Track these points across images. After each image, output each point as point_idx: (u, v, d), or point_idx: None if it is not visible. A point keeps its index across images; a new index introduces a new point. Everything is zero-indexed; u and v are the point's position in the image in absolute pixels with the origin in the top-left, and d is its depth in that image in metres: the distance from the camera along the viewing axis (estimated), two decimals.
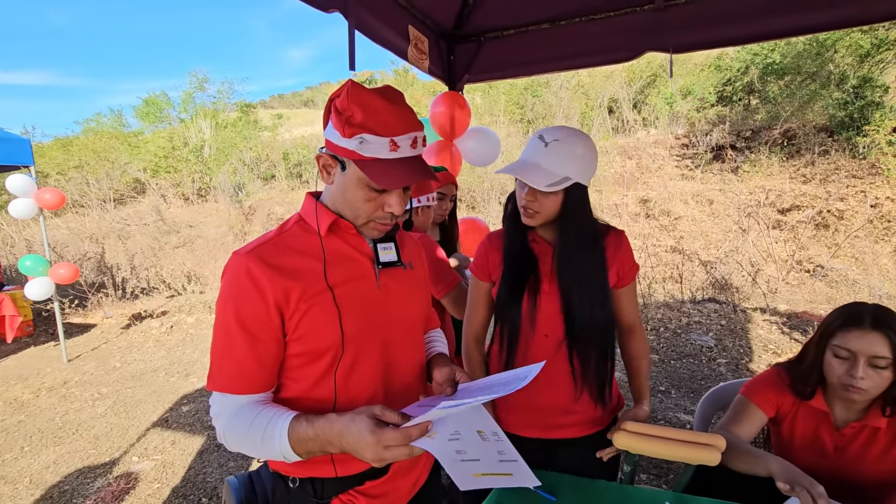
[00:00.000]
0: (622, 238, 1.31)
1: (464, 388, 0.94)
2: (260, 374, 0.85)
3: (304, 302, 0.84)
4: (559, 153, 1.14)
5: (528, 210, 1.20)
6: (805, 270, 6.52)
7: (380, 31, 1.94)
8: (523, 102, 12.89)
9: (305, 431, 0.78)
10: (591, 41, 2.36)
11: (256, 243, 0.88)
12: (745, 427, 1.28)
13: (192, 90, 18.72)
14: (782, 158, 8.73)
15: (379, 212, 0.89)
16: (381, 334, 0.93)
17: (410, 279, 1.02)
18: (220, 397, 0.86)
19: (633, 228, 8.29)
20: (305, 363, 0.88)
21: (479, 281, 1.37)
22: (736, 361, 3.99)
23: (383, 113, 0.82)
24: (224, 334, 0.84)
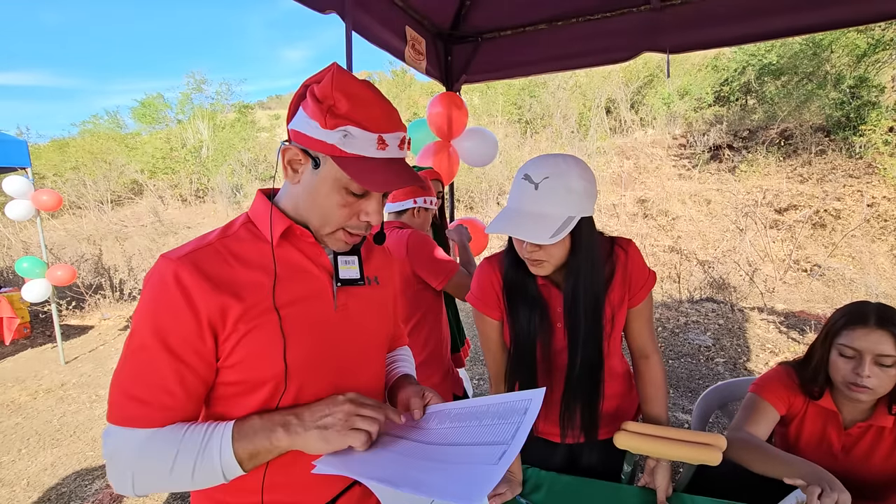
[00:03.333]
0: (630, 249, 1.17)
1: (435, 412, 0.81)
2: (185, 404, 0.70)
3: (243, 324, 0.71)
4: (554, 193, 0.99)
5: (534, 262, 1.07)
6: (802, 270, 6.54)
7: (377, 32, 1.94)
8: (521, 103, 12.90)
9: (252, 422, 0.70)
10: (588, 42, 2.37)
11: (192, 246, 0.73)
12: (762, 426, 1.24)
13: (190, 91, 18.70)
14: (779, 158, 8.75)
15: (353, 220, 0.77)
16: (335, 362, 0.80)
17: (374, 297, 0.88)
18: (125, 433, 0.68)
19: (630, 228, 8.30)
20: (240, 393, 0.75)
21: (488, 319, 1.23)
22: (734, 361, 4.00)
23: (372, 106, 0.72)
24: (140, 354, 0.69)
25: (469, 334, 2.04)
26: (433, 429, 0.76)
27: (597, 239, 1.10)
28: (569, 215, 0.99)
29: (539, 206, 0.99)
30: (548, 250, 1.04)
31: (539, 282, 1.16)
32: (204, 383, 0.72)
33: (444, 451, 0.69)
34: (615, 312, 1.17)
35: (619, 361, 1.27)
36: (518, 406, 0.71)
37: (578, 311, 1.10)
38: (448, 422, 0.76)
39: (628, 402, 1.29)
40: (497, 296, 1.20)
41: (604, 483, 1.14)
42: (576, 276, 1.08)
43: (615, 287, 1.16)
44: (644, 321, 1.20)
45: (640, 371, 1.23)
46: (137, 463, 0.67)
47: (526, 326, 1.15)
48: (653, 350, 1.22)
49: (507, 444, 0.63)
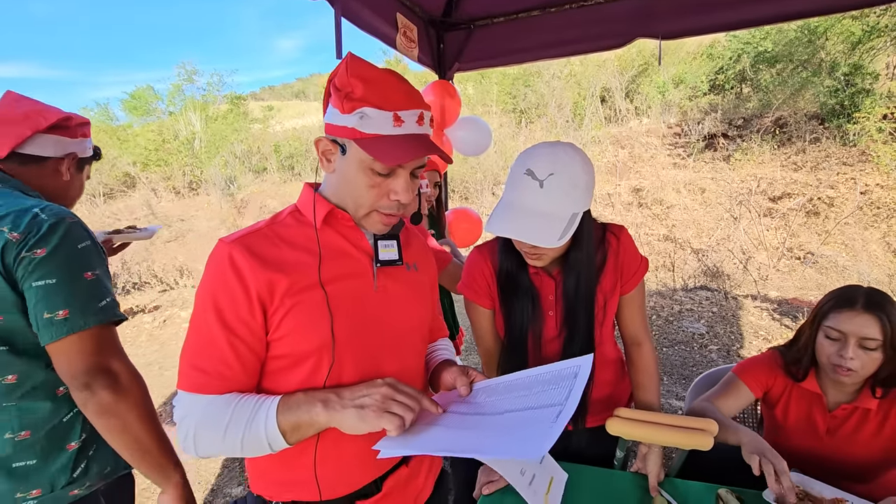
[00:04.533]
0: (622, 236, 1.16)
1: (482, 387, 0.84)
2: (240, 375, 0.77)
3: (289, 297, 0.76)
4: (560, 191, 0.95)
5: (533, 255, 1.05)
6: (796, 257, 6.58)
7: (367, 18, 1.91)
8: (515, 93, 12.82)
9: (297, 396, 0.74)
10: (582, 28, 2.35)
11: (244, 231, 0.80)
12: (729, 402, 1.30)
13: (181, 82, 18.46)
14: (774, 146, 8.76)
15: (384, 200, 0.80)
16: (375, 340, 0.84)
17: (414, 282, 0.92)
18: (190, 398, 0.76)
19: (625, 218, 8.32)
20: (286, 367, 0.80)
21: (479, 308, 1.22)
22: (727, 348, 4.03)
23: (386, 86, 0.75)
24: (201, 328, 0.76)
25: (464, 324, 2.04)
26: (484, 401, 0.78)
27: (592, 229, 1.09)
28: (573, 212, 0.98)
29: (544, 206, 0.96)
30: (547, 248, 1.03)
31: (531, 270, 1.15)
32: (256, 356, 0.78)
33: (499, 419, 0.70)
34: (607, 300, 1.17)
35: (612, 348, 1.27)
36: (566, 372, 0.73)
37: (576, 303, 1.10)
38: (497, 395, 0.78)
39: (620, 389, 1.29)
40: (488, 285, 1.20)
41: (596, 469, 1.15)
42: (575, 270, 1.08)
43: (607, 274, 1.15)
44: (636, 308, 1.20)
45: (633, 358, 1.23)
46: (198, 426, 0.74)
47: (519, 316, 1.15)
48: (645, 337, 1.22)
49: (562, 404, 0.64)
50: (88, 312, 0.90)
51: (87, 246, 0.96)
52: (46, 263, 0.89)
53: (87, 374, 0.89)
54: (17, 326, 0.91)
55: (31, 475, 0.95)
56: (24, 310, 0.90)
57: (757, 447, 1.03)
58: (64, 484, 0.97)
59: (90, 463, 1.02)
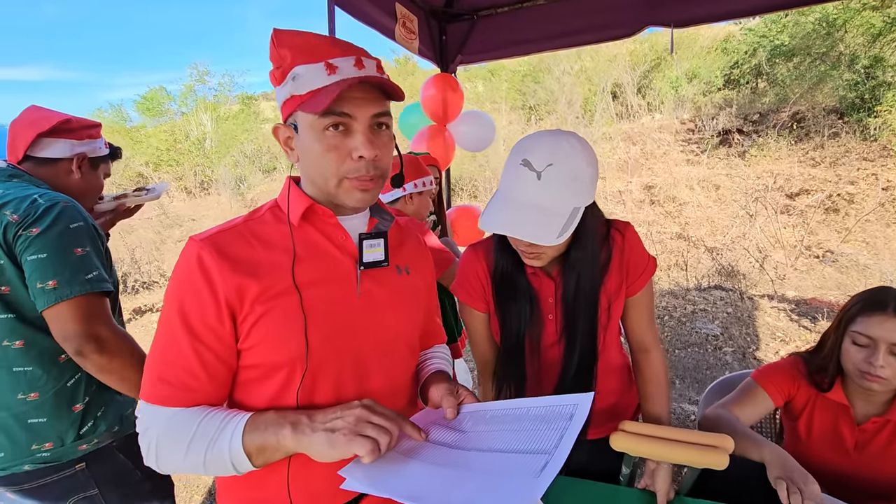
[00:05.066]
0: (628, 233, 1.07)
1: (470, 412, 0.76)
2: (207, 387, 0.70)
3: (260, 304, 0.70)
4: (559, 183, 0.87)
5: (532, 254, 0.96)
6: (814, 256, 6.38)
7: (363, 8, 1.84)
8: (525, 89, 12.69)
9: (266, 416, 0.67)
10: (589, 17, 2.25)
11: (217, 229, 0.74)
12: (747, 410, 1.20)
13: (193, 83, 18.63)
14: (791, 142, 8.53)
15: (347, 162, 0.71)
16: (356, 352, 0.76)
17: (404, 287, 0.84)
18: (153, 410, 0.70)
19: (637, 215, 8.16)
20: (257, 379, 0.73)
21: (473, 311, 1.13)
22: (743, 350, 3.89)
23: (313, 41, 0.71)
24: (167, 335, 0.70)
25: None
26: (468, 431, 0.71)
27: (597, 226, 1.01)
28: (574, 206, 0.89)
29: (543, 199, 0.87)
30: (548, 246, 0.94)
31: (528, 271, 1.07)
32: (226, 366, 0.72)
33: (481, 458, 0.64)
34: (612, 302, 1.08)
35: (618, 354, 1.18)
36: (562, 411, 0.65)
37: (577, 306, 1.02)
38: (484, 424, 0.71)
39: (627, 398, 1.20)
40: (483, 287, 1.11)
41: (601, 484, 1.06)
42: (576, 270, 1.00)
43: (612, 274, 1.06)
44: (644, 311, 1.11)
45: (640, 366, 1.14)
46: (161, 438, 0.69)
47: (516, 319, 1.07)
48: (653, 343, 1.12)
49: (550, 453, 0.58)
50: (75, 283, 1.01)
51: (80, 226, 1.07)
52: (39, 240, 1.02)
53: (77, 340, 1.00)
54: (21, 296, 1.04)
55: (43, 430, 1.08)
56: (25, 282, 1.03)
57: (784, 469, 0.93)
58: (73, 439, 1.11)
59: (97, 422, 1.14)
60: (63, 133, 1.21)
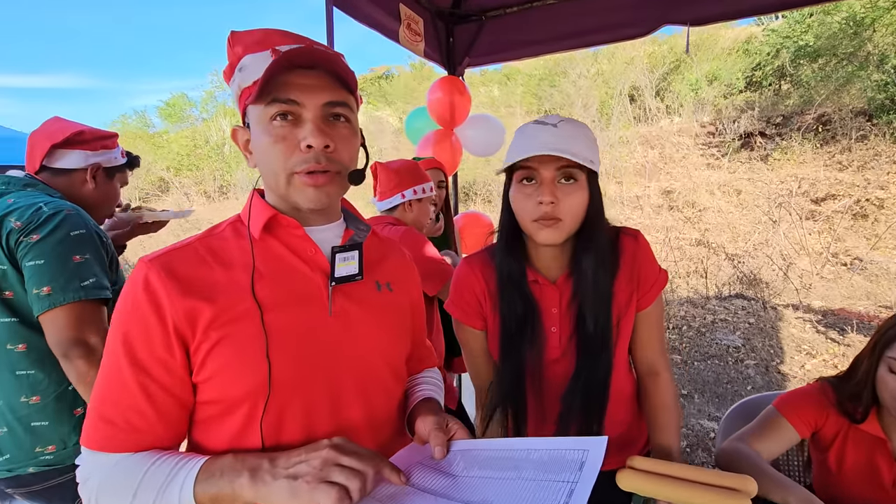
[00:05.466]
0: (639, 239, 0.99)
1: (462, 451, 0.67)
2: (156, 428, 0.62)
3: (214, 330, 0.62)
4: (575, 133, 0.87)
5: (549, 219, 0.87)
6: (842, 264, 6.12)
7: (364, 8, 1.78)
8: (541, 93, 12.57)
9: (223, 461, 0.59)
10: (602, 16, 2.16)
11: (169, 248, 0.67)
12: (770, 444, 1.09)
13: (214, 89, 18.99)
14: (816, 145, 8.25)
15: (296, 154, 0.64)
16: (329, 379, 0.68)
17: (384, 305, 0.76)
18: (91, 457, 0.62)
19: (655, 221, 7.97)
20: (217, 416, 0.65)
21: (469, 329, 1.04)
22: (766, 363, 3.72)
23: (264, 35, 0.66)
24: (110, 367, 0.62)
25: None
26: (459, 476, 0.62)
27: (603, 220, 0.94)
28: (591, 159, 0.87)
29: (563, 143, 0.85)
30: (567, 204, 0.87)
31: (529, 278, 0.98)
32: (179, 403, 0.64)
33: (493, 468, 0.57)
34: (621, 316, 0.98)
35: (627, 379, 1.08)
36: (570, 457, 0.55)
37: (587, 312, 0.92)
38: (477, 468, 0.62)
39: (636, 430, 1.10)
40: (479, 302, 1.03)
41: None
42: (586, 269, 0.92)
43: (621, 284, 0.97)
44: (654, 329, 1.02)
45: (648, 391, 1.03)
46: (101, 492, 0.60)
47: (516, 333, 0.97)
48: (664, 366, 1.03)
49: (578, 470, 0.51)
50: (69, 289, 1.03)
51: (82, 234, 1.10)
52: (38, 247, 1.05)
53: (65, 345, 1.02)
54: (22, 301, 1.07)
55: (46, 433, 1.11)
56: None
57: None
58: (75, 443, 1.13)
59: None
60: (77, 144, 1.25)
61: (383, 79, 18.81)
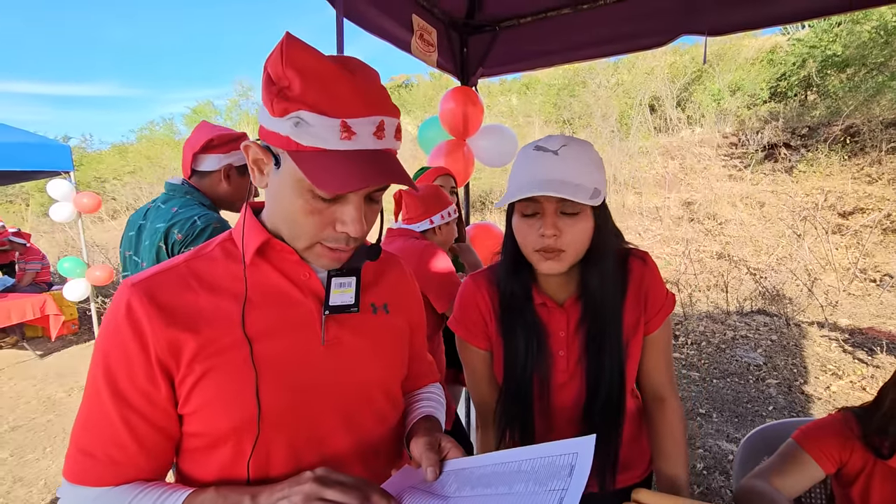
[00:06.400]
0: (648, 262, 0.98)
1: (454, 470, 0.65)
2: (138, 460, 0.61)
3: (199, 363, 0.60)
4: (578, 160, 0.83)
5: (551, 251, 0.85)
6: (871, 280, 5.90)
7: (376, 20, 1.79)
8: (560, 103, 12.53)
9: (205, 496, 0.58)
10: (617, 26, 2.13)
11: (155, 270, 0.64)
12: (791, 480, 1.02)
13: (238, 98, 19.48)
14: (843, 157, 8.01)
15: (328, 231, 0.62)
16: (319, 412, 0.66)
17: (382, 328, 0.74)
18: (72, 490, 0.60)
19: (675, 233, 7.82)
20: (204, 448, 0.64)
21: (473, 349, 1.02)
22: (788, 382, 3.58)
23: (333, 82, 0.57)
24: (91, 398, 0.60)
25: None
26: (451, 497, 0.60)
27: (612, 240, 0.92)
28: (596, 186, 0.84)
29: (564, 173, 0.82)
30: (570, 234, 0.84)
31: (537, 301, 0.95)
32: (163, 434, 0.62)
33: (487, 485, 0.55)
34: (629, 339, 0.95)
35: (631, 399, 1.05)
36: (560, 462, 0.54)
37: (599, 334, 0.90)
38: (469, 487, 0.61)
39: (637, 449, 1.06)
40: (485, 321, 1.00)
41: None
42: (595, 291, 0.89)
43: (629, 306, 0.95)
44: (661, 353, 0.98)
45: (654, 418, 1.00)
46: None
47: (523, 356, 0.95)
48: (671, 391, 0.99)
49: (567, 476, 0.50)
50: None
51: None
52: None
53: None
54: None
55: None
56: None
57: None
58: None
59: None
60: (211, 149, 1.42)
61: (403, 87, 19.04)
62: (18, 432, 3.50)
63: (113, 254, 9.65)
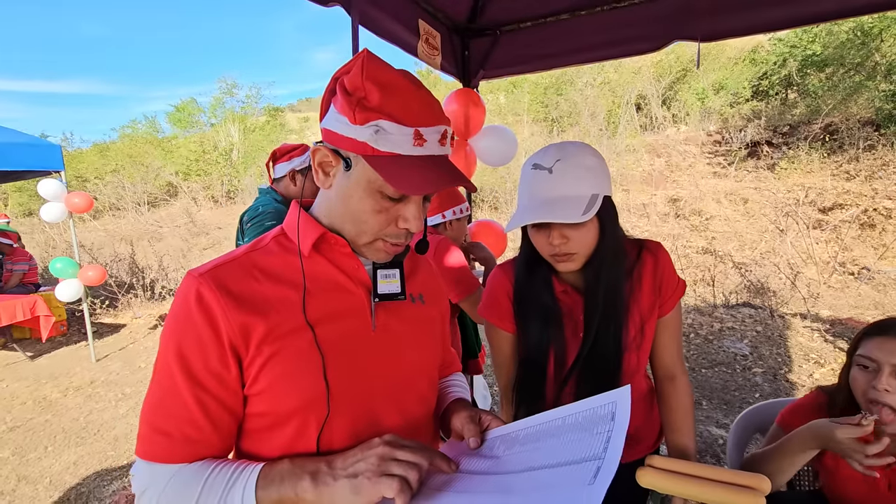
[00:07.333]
0: (660, 252, 1.06)
1: (500, 436, 0.70)
2: (212, 438, 0.65)
3: (267, 345, 0.64)
4: (571, 173, 0.91)
5: (563, 255, 0.95)
6: (849, 273, 6.13)
7: (386, 25, 1.85)
8: (548, 101, 12.66)
9: (281, 466, 0.62)
10: (614, 31, 2.22)
11: (218, 261, 0.69)
12: None
13: (222, 95, 19.22)
14: (823, 154, 8.27)
15: (391, 227, 0.68)
16: (374, 390, 0.71)
17: (420, 318, 0.80)
18: (152, 468, 0.63)
19: (661, 229, 8.00)
20: (268, 427, 0.68)
21: (501, 332, 1.11)
22: (773, 371, 3.74)
23: (408, 96, 0.64)
24: (164, 382, 0.64)
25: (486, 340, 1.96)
26: (502, 456, 0.66)
27: (619, 226, 1.01)
28: (593, 193, 0.91)
29: (559, 190, 0.91)
30: (577, 239, 0.93)
31: (559, 288, 1.04)
32: (232, 415, 0.66)
33: (522, 478, 0.58)
34: (645, 321, 1.05)
35: (644, 379, 1.14)
36: (602, 412, 0.60)
37: (596, 299, 0.99)
38: (518, 445, 0.66)
39: (649, 424, 1.16)
40: (510, 306, 1.10)
41: None
42: (598, 264, 0.98)
43: (645, 293, 1.04)
44: (672, 334, 1.08)
45: (666, 394, 1.09)
46: (162, 501, 0.62)
47: (537, 337, 1.04)
48: (680, 370, 1.09)
49: (601, 458, 0.53)
50: None
51: (272, 225, 1.50)
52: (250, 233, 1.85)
53: None
54: None
55: None
56: None
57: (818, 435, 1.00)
58: None
59: None
60: (278, 159, 1.95)
61: None
62: (17, 432, 3.49)
63: (98, 254, 9.53)
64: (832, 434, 0.97)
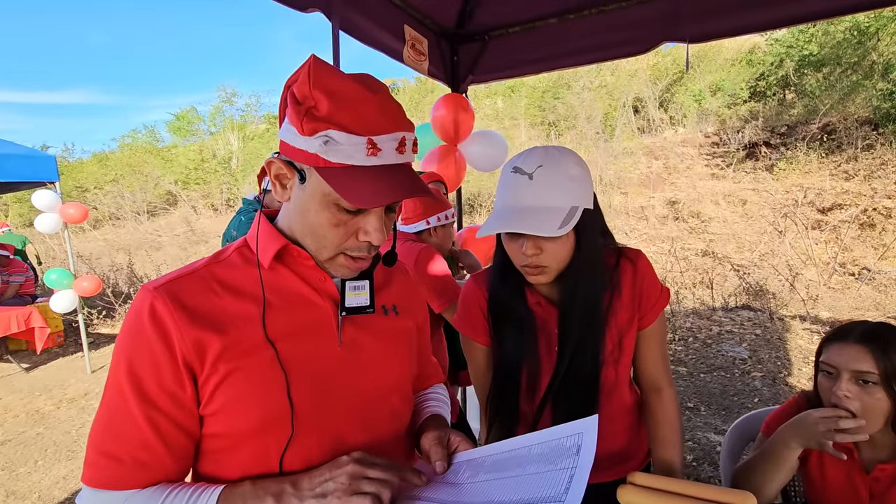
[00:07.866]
0: (639, 261, 1.01)
1: (466, 461, 0.68)
2: (165, 461, 0.61)
3: (224, 362, 0.61)
4: (552, 181, 0.86)
5: (535, 267, 0.90)
6: (849, 274, 6.09)
7: (369, 31, 1.83)
8: (545, 105, 12.67)
9: (242, 488, 0.60)
10: (602, 35, 2.20)
11: (175, 274, 0.66)
12: None
13: (221, 104, 19.33)
14: (821, 154, 8.25)
15: (351, 240, 0.65)
16: (340, 409, 0.68)
17: (393, 329, 0.77)
18: (95, 496, 0.60)
19: (660, 231, 7.97)
20: (227, 448, 0.64)
21: (476, 344, 1.07)
22: (773, 375, 3.69)
23: (359, 103, 0.60)
24: (114, 402, 0.60)
25: None
26: (465, 484, 0.64)
27: (599, 239, 0.97)
28: (572, 205, 0.86)
29: (537, 199, 0.86)
30: (551, 252, 0.89)
31: (531, 300, 1.01)
32: (188, 435, 0.63)
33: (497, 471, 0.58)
34: (623, 335, 1.01)
35: (628, 392, 1.10)
36: (567, 443, 0.58)
37: (572, 316, 0.95)
38: (483, 473, 0.64)
39: (636, 441, 1.11)
40: (484, 318, 1.06)
41: None
42: (574, 278, 0.93)
43: (623, 305, 1.00)
44: (656, 347, 1.04)
45: (652, 407, 1.05)
46: None
47: (511, 350, 1.01)
48: (666, 382, 1.04)
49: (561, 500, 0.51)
50: None
51: None
52: None
53: None
54: None
55: None
56: None
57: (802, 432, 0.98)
58: None
59: None
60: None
61: None
62: (8, 446, 3.45)
63: (97, 264, 9.52)
64: (808, 418, 0.97)
